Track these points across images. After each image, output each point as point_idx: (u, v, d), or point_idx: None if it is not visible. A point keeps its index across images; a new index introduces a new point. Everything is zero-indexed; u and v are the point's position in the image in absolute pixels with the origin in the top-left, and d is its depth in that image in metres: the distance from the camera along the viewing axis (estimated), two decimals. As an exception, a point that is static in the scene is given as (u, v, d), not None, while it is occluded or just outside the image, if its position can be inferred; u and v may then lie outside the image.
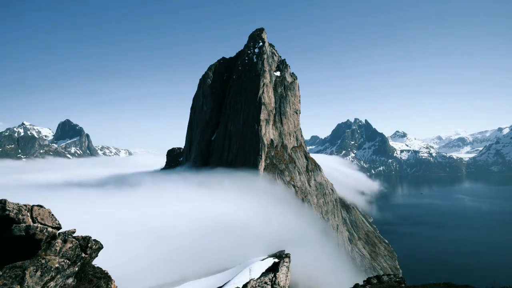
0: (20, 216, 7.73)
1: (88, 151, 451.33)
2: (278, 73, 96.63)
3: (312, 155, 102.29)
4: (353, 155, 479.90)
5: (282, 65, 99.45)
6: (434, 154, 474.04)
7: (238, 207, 63.58)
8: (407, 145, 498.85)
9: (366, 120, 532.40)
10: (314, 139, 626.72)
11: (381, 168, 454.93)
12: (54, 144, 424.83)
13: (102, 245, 10.14)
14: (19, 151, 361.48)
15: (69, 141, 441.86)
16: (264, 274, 14.81)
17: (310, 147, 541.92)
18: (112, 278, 9.87)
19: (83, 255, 9.23)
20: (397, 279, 20.76)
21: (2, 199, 7.72)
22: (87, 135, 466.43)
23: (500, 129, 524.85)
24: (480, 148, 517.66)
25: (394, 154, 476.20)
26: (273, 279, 14.46)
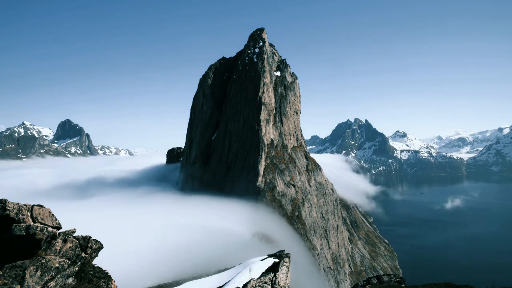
0: (20, 215, 7.73)
1: (88, 151, 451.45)
2: (278, 73, 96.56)
3: (314, 155, 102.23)
4: (353, 155, 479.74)
5: (282, 65, 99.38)
6: (434, 154, 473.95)
7: (237, 209, 63.70)
8: (407, 145, 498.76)
9: (366, 120, 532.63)
10: (314, 139, 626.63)
11: (381, 168, 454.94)
12: (55, 144, 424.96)
13: (102, 245, 10.14)
14: (19, 151, 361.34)
15: (69, 141, 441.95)
16: (264, 274, 14.81)
17: (310, 147, 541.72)
18: (112, 278, 9.88)
19: (83, 254, 9.22)
20: (397, 279, 20.78)
21: (2, 199, 7.71)
22: (87, 135, 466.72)
23: (500, 129, 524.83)
24: (480, 148, 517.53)
25: (394, 154, 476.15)
26: (273, 279, 14.47)
